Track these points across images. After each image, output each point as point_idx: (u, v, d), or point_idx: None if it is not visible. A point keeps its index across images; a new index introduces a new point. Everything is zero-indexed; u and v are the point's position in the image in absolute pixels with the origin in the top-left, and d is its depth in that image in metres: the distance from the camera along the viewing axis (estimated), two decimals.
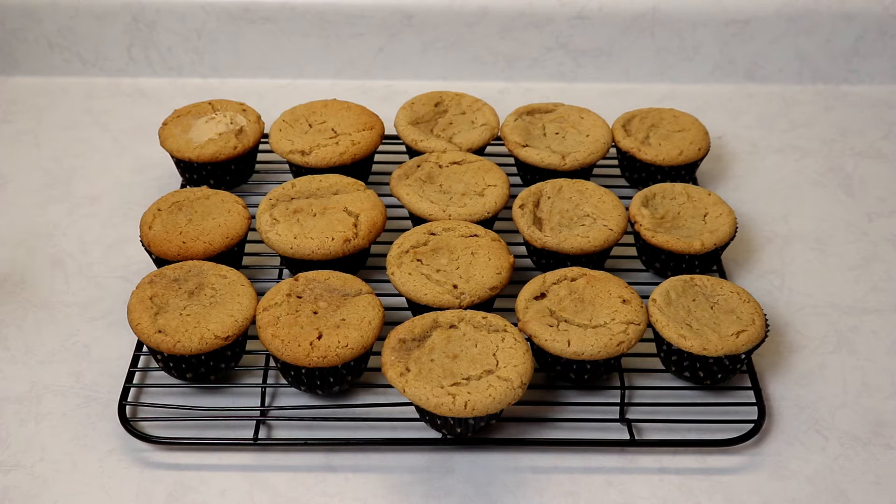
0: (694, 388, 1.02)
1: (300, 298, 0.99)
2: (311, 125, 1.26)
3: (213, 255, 1.07)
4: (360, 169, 1.24)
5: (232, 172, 1.24)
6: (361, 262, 1.13)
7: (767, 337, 1.03)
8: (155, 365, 1.02)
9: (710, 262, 1.12)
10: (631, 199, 1.21)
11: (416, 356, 0.92)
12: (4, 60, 1.52)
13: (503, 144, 1.30)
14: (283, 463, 0.94)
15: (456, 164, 1.18)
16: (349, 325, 0.96)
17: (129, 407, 0.98)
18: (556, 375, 1.00)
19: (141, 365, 1.03)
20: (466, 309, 0.99)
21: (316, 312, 0.97)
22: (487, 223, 1.14)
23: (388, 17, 1.48)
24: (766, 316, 1.01)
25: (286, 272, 1.14)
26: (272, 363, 1.01)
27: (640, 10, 1.48)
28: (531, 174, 1.24)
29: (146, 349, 1.02)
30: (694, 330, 0.97)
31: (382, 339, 0.98)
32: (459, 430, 0.93)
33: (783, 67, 1.53)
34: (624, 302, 1.00)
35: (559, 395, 1.02)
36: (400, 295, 1.04)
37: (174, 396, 1.00)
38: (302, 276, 1.01)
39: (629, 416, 0.98)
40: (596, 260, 1.11)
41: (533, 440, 0.96)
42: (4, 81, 1.52)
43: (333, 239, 1.06)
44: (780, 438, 0.97)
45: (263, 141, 1.32)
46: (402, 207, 1.18)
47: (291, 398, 1.00)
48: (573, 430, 0.98)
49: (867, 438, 0.98)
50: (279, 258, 1.13)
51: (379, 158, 1.32)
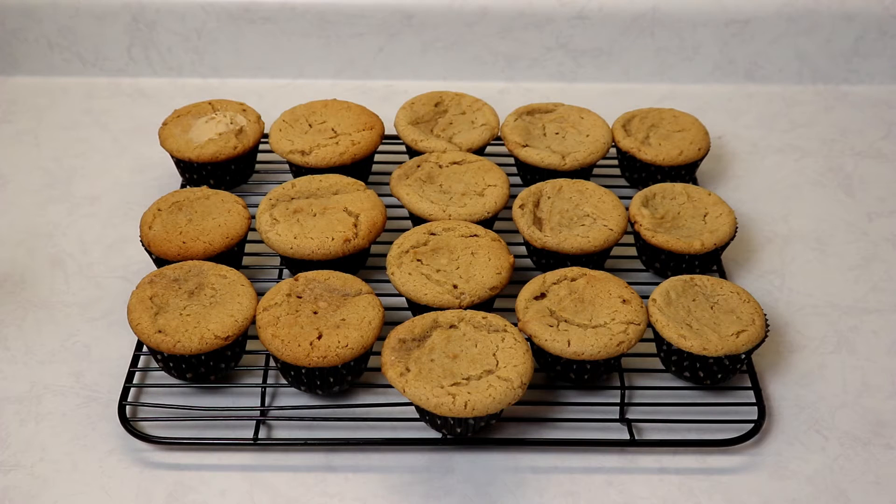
0: (694, 388, 1.02)
1: (300, 298, 0.99)
2: (311, 125, 1.26)
3: (213, 255, 1.07)
4: (360, 169, 1.24)
5: (232, 172, 1.24)
6: (361, 262, 1.13)
7: (767, 337, 1.03)
8: (155, 365, 1.02)
9: (710, 262, 1.12)
10: (631, 199, 1.21)
11: (416, 356, 0.92)
12: (4, 60, 1.52)
13: (503, 144, 1.30)
14: (283, 463, 0.94)
15: (456, 164, 1.18)
16: (349, 325, 0.95)
17: (129, 407, 0.98)
18: (556, 375, 1.00)
19: (141, 365, 1.03)
20: (466, 309, 0.98)
21: (316, 312, 0.97)
22: (487, 223, 1.14)
23: (388, 17, 1.48)
24: (766, 316, 1.01)
25: (286, 272, 1.14)
26: (272, 363, 1.01)
27: (640, 10, 1.48)
28: (531, 174, 1.24)
29: (146, 349, 1.02)
30: (694, 330, 0.97)
31: (382, 339, 0.98)
32: (459, 430, 0.93)
33: (783, 67, 1.53)
34: (624, 302, 1.00)
35: (559, 395, 1.02)
36: (400, 295, 1.04)
37: (174, 396, 1.00)
38: (302, 276, 1.01)
39: (629, 416, 0.98)
40: (596, 260, 1.11)
41: (533, 440, 0.96)
42: (4, 81, 1.52)
43: (333, 239, 1.06)
44: (780, 438, 0.97)
45: (263, 141, 1.32)
46: (402, 207, 1.18)
47: (291, 398, 1.00)
48: (573, 430, 0.98)
49: (867, 438, 0.98)
50: (279, 258, 1.13)
51: (379, 158, 1.32)
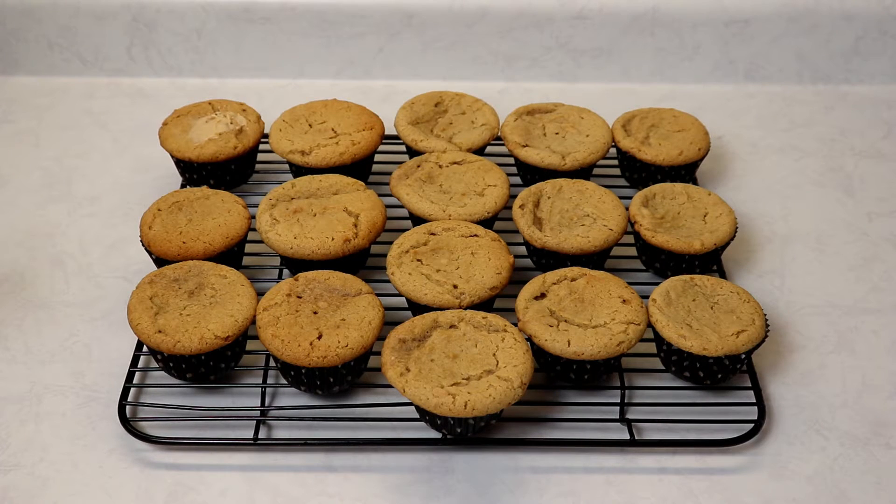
0: (694, 388, 1.02)
1: (300, 298, 0.98)
2: (311, 125, 1.26)
3: (213, 255, 1.07)
4: (360, 169, 1.24)
5: (232, 172, 1.24)
6: (361, 262, 1.13)
7: (767, 337, 1.03)
8: (155, 365, 1.02)
9: (710, 262, 1.12)
10: (631, 199, 1.21)
11: (416, 356, 0.92)
12: (4, 60, 1.52)
13: (503, 144, 1.30)
14: (283, 463, 0.94)
15: (456, 164, 1.18)
16: (349, 325, 0.95)
17: (129, 407, 0.98)
18: (556, 375, 1.00)
19: (141, 365, 1.03)
20: (466, 309, 0.98)
21: (316, 312, 0.97)
22: (487, 223, 1.14)
23: (388, 17, 1.48)
24: (766, 316, 1.01)
25: (286, 272, 1.14)
26: (272, 363, 1.01)
27: (640, 10, 1.48)
28: (531, 174, 1.24)
29: (146, 349, 1.02)
30: (694, 330, 0.97)
31: (382, 339, 0.98)
32: (459, 430, 0.93)
33: (783, 67, 1.53)
34: (624, 302, 0.99)
35: (559, 395, 1.02)
36: (400, 295, 1.04)
37: (174, 396, 1.00)
38: (302, 276, 1.01)
39: (629, 416, 0.98)
40: (596, 260, 1.11)
41: (533, 440, 0.96)
42: (4, 81, 1.52)
43: (333, 239, 1.06)
44: (780, 438, 0.97)
45: (263, 141, 1.32)
46: (402, 207, 1.18)
47: (291, 398, 1.00)
48: (573, 430, 0.98)
49: (867, 438, 0.98)
50: (279, 258, 1.13)
51: (379, 158, 1.32)
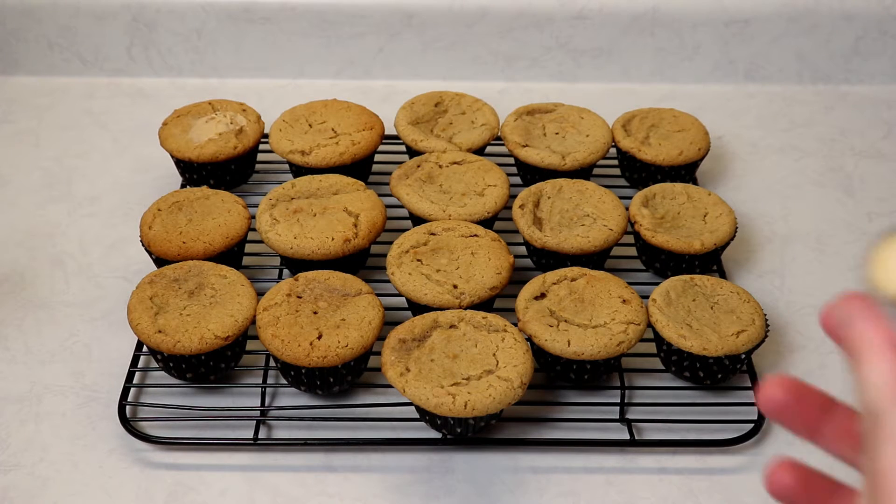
0: (694, 388, 1.02)
1: (300, 298, 0.98)
2: (311, 125, 1.26)
3: (213, 255, 1.07)
4: (360, 169, 1.24)
5: (232, 172, 1.24)
6: (361, 262, 1.13)
7: (767, 337, 1.03)
8: (155, 365, 1.02)
9: (710, 262, 1.12)
10: (631, 199, 1.21)
11: (416, 356, 0.92)
12: (4, 60, 1.52)
13: (503, 144, 1.30)
14: (283, 463, 0.94)
15: (456, 164, 1.18)
16: (349, 325, 0.95)
17: (129, 407, 0.98)
18: (556, 375, 1.00)
19: (141, 365, 1.03)
20: (466, 309, 0.98)
21: (316, 312, 0.97)
22: (487, 223, 1.14)
23: (388, 17, 1.48)
24: (766, 316, 1.01)
25: (286, 272, 1.14)
26: (272, 363, 1.01)
27: (640, 10, 1.48)
28: (531, 174, 1.24)
29: (146, 349, 1.02)
30: (694, 330, 0.97)
31: (382, 339, 0.97)
32: (459, 430, 0.93)
33: (783, 67, 1.53)
34: (624, 302, 0.99)
35: (559, 395, 1.02)
36: (400, 295, 1.04)
37: (174, 396, 1.00)
38: (302, 276, 1.01)
39: (629, 416, 0.98)
40: (596, 260, 1.11)
41: (533, 440, 0.96)
42: (4, 81, 1.52)
43: (333, 239, 1.06)
44: (780, 438, 0.97)
45: (263, 141, 1.32)
46: (402, 207, 1.18)
47: (291, 398, 1.00)
48: (573, 430, 0.98)
49: None
50: (279, 258, 1.13)
51: (379, 158, 1.32)
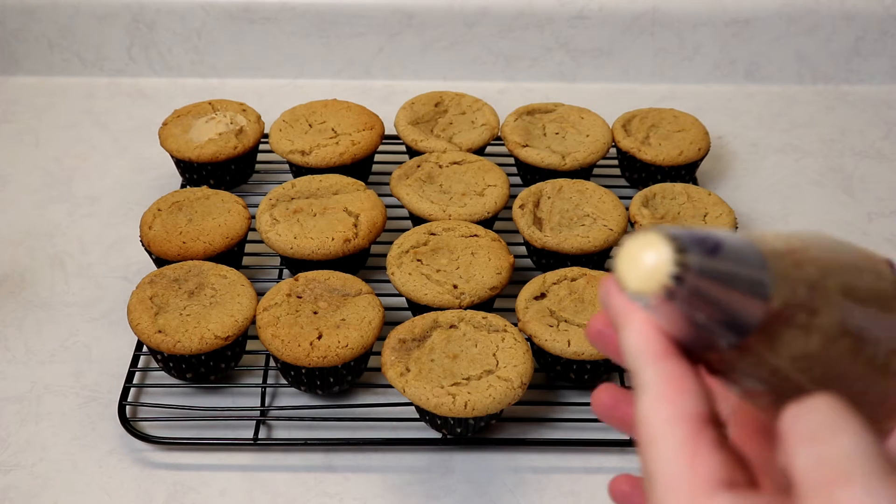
0: None
1: (300, 298, 0.98)
2: (311, 125, 1.26)
3: (213, 255, 1.07)
4: (360, 169, 1.24)
5: (232, 172, 1.24)
6: (361, 262, 1.13)
7: None
8: (155, 365, 1.02)
9: None
10: (631, 199, 1.21)
11: (416, 356, 0.92)
12: (4, 60, 1.52)
13: (503, 144, 1.30)
14: (283, 463, 0.94)
15: (456, 164, 1.18)
16: (349, 325, 0.95)
17: (129, 407, 0.98)
18: (556, 375, 1.00)
19: (141, 365, 1.03)
20: (466, 309, 0.98)
21: (316, 312, 0.97)
22: (487, 223, 1.14)
23: (388, 17, 1.48)
24: None
25: (286, 272, 1.14)
26: (272, 363, 1.01)
27: (640, 10, 1.48)
28: (531, 174, 1.24)
29: (146, 349, 1.02)
30: None
31: (382, 339, 0.98)
32: (459, 430, 0.93)
33: (783, 67, 1.53)
34: None
35: (559, 395, 1.02)
36: (400, 295, 1.04)
37: (174, 396, 1.00)
38: (302, 276, 1.01)
39: None
40: (596, 260, 1.11)
41: (533, 440, 0.96)
42: (4, 81, 1.52)
43: (333, 239, 1.06)
44: None
45: (263, 141, 1.32)
46: (402, 207, 1.18)
47: (291, 398, 1.00)
48: (573, 430, 0.98)
49: None
50: (279, 258, 1.13)
51: (379, 158, 1.32)
